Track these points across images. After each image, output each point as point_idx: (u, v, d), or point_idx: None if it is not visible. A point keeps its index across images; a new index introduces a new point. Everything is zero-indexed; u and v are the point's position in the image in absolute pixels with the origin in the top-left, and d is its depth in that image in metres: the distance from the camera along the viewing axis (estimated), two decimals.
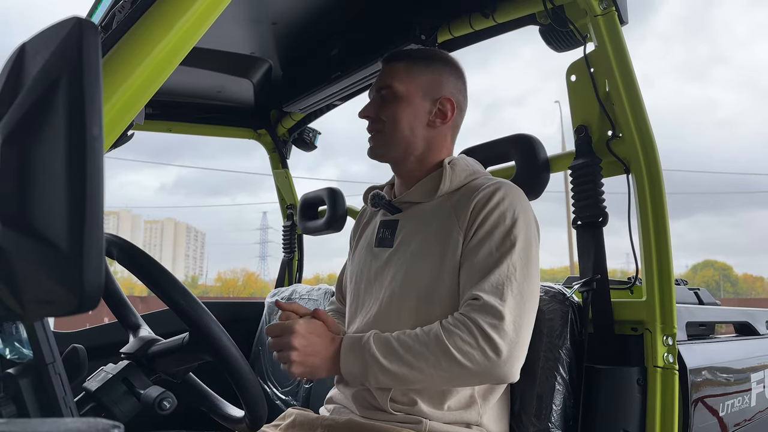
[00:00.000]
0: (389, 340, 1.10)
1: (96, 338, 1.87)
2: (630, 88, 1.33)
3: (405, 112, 1.26)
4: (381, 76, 1.31)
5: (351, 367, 1.10)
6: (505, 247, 1.13)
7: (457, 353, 1.04)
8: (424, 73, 1.29)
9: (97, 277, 0.43)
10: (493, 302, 1.07)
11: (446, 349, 1.04)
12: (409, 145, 1.28)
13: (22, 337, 0.68)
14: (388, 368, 1.07)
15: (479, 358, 1.04)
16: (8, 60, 0.51)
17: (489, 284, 1.09)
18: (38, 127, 0.44)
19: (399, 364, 1.07)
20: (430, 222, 1.23)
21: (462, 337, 1.05)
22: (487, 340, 1.04)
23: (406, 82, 1.27)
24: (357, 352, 1.10)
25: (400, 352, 1.07)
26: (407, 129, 1.27)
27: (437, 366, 1.05)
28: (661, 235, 1.29)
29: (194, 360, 1.00)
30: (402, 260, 1.24)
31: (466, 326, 1.06)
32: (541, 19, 1.47)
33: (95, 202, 0.43)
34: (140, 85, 0.67)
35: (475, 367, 1.04)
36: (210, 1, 0.72)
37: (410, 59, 1.30)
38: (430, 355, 1.05)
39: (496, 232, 1.14)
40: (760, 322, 1.81)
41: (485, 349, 1.04)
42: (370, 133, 1.31)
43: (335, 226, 2.28)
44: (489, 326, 1.05)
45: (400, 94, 1.27)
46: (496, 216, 1.15)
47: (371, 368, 1.08)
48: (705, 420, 1.37)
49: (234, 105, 2.31)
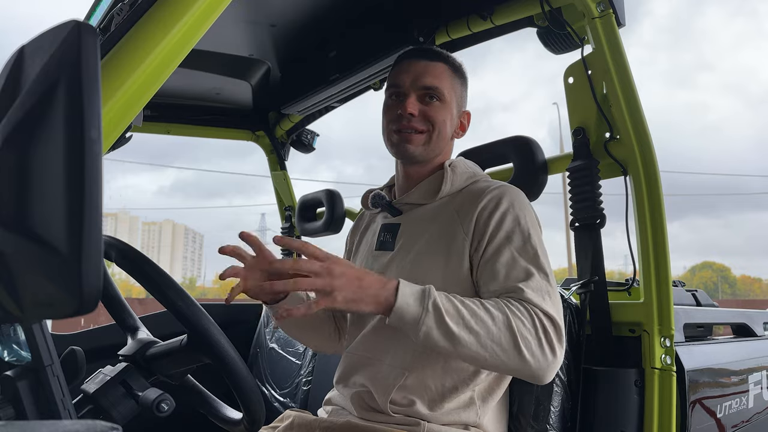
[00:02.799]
0: (452, 299, 1.03)
1: (94, 340, 1.86)
2: (627, 90, 1.33)
3: (449, 121, 1.27)
4: (426, 74, 1.25)
5: (407, 309, 1.00)
6: (529, 254, 1.12)
7: (519, 338, 1.01)
8: (459, 84, 1.31)
9: (96, 280, 0.43)
10: (544, 305, 1.06)
11: (512, 329, 1.01)
12: (440, 152, 1.29)
13: (21, 339, 0.68)
14: (448, 325, 0.99)
15: (537, 350, 1.02)
16: (7, 62, 0.51)
17: (531, 290, 1.07)
18: (37, 129, 0.44)
19: (461, 326, 1.00)
20: (432, 225, 1.23)
21: (525, 323, 1.03)
22: (546, 336, 1.03)
23: (451, 90, 1.27)
24: (418, 295, 1.01)
25: (465, 313, 1.01)
26: (446, 138, 1.28)
27: (497, 341, 1.01)
28: (659, 236, 1.30)
29: (192, 362, 1.00)
30: (404, 263, 1.23)
31: (531, 315, 1.04)
32: (539, 21, 1.47)
33: (94, 204, 0.43)
34: (139, 87, 0.67)
35: (530, 357, 1.02)
36: (208, 4, 0.72)
37: (451, 66, 1.29)
38: (494, 328, 1.01)
39: (514, 236, 1.14)
40: (758, 324, 1.81)
41: (543, 343, 1.03)
42: (406, 130, 1.24)
43: (333, 227, 2.28)
44: (549, 325, 1.04)
45: (448, 100, 1.26)
46: (510, 221, 1.15)
47: (429, 316, 1.00)
48: (703, 421, 1.37)
49: (232, 107, 2.31)
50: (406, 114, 1.23)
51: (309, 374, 1.91)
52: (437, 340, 1.00)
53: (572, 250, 1.45)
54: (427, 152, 1.27)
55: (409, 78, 1.25)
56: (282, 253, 2.48)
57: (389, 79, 1.31)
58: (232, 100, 2.25)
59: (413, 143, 1.25)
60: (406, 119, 1.23)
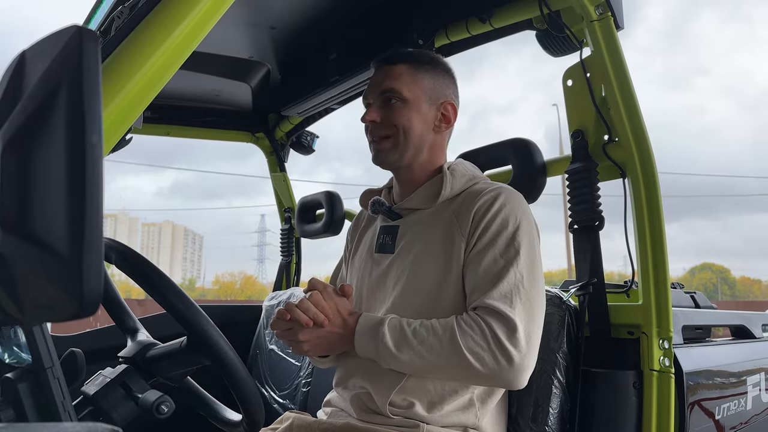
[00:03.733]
0: (404, 330, 1.12)
1: (94, 342, 1.87)
2: (626, 93, 1.34)
3: (416, 118, 1.25)
4: (383, 79, 1.27)
5: (365, 351, 1.14)
6: (510, 254, 1.13)
7: (468, 354, 1.05)
8: (428, 78, 1.28)
9: (97, 283, 0.44)
10: (504, 310, 1.08)
11: (458, 348, 1.06)
12: (417, 152, 1.28)
13: (21, 341, 0.68)
14: (399, 357, 1.10)
15: (490, 362, 1.05)
16: (8, 67, 0.51)
17: (498, 293, 1.10)
18: (38, 134, 0.45)
19: (410, 355, 1.09)
20: (431, 228, 1.23)
21: (474, 338, 1.06)
22: (499, 346, 1.05)
23: (413, 87, 1.25)
24: (371, 337, 1.13)
25: (413, 343, 1.10)
26: (418, 136, 1.26)
27: (447, 362, 1.08)
28: (657, 239, 1.30)
29: (192, 364, 1.00)
30: (404, 267, 1.24)
31: (480, 328, 1.07)
32: (538, 24, 1.48)
33: (95, 208, 0.44)
34: (139, 90, 0.67)
35: (485, 370, 1.06)
36: (209, 7, 0.72)
37: (414, 62, 1.28)
38: (442, 351, 1.08)
39: (499, 239, 1.15)
40: (756, 326, 1.81)
41: (496, 354, 1.05)
42: (375, 139, 1.27)
43: (333, 229, 2.28)
44: (503, 334, 1.06)
45: (410, 99, 1.25)
46: (498, 222, 1.16)
47: (383, 355, 1.12)
48: (701, 423, 1.37)
49: (232, 109, 2.31)
50: (368, 123, 1.27)
51: (308, 376, 1.92)
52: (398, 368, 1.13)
53: (572, 252, 1.45)
54: (402, 156, 1.26)
55: (371, 88, 1.29)
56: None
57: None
58: (232, 101, 2.25)
59: (383, 150, 1.27)
60: (370, 128, 1.27)
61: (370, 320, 1.16)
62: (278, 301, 2.25)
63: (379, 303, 1.26)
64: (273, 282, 2.70)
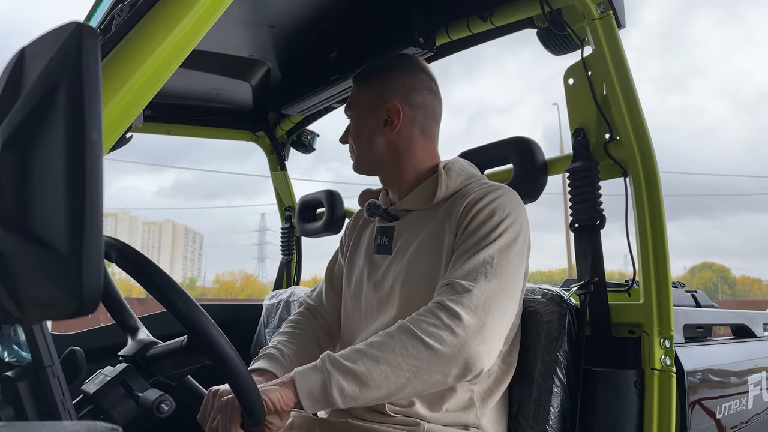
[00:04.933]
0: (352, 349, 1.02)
1: (94, 341, 1.87)
2: (627, 92, 1.33)
3: (359, 129, 1.33)
4: (349, 100, 1.38)
5: (308, 384, 0.97)
6: (488, 240, 1.12)
7: (424, 336, 0.98)
8: (368, 87, 1.34)
9: (97, 281, 0.43)
10: (462, 283, 1.05)
11: (412, 332, 0.99)
12: (374, 158, 1.31)
13: (21, 340, 0.68)
14: (352, 369, 0.96)
15: (446, 336, 0.98)
16: (8, 64, 0.51)
17: (462, 271, 1.07)
18: (37, 131, 0.45)
19: (364, 361, 0.97)
20: (426, 227, 1.23)
21: (426, 319, 1.01)
22: (452, 315, 1.00)
23: (357, 102, 1.34)
24: (312, 368, 1.00)
25: (362, 348, 1.00)
26: (365, 144, 1.32)
27: (404, 353, 0.97)
28: (658, 237, 1.30)
29: (192, 363, 0.99)
30: (401, 267, 1.24)
31: (430, 310, 1.03)
32: (539, 22, 1.48)
33: (94, 206, 0.43)
34: (139, 88, 0.67)
35: (444, 348, 0.98)
36: (209, 5, 0.72)
37: (359, 78, 1.36)
38: (395, 343, 0.98)
39: (483, 227, 1.14)
40: (757, 325, 1.81)
41: (450, 325, 0.99)
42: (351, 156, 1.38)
43: (333, 228, 2.28)
44: (453, 302, 1.02)
45: (355, 114, 1.35)
46: (485, 213, 1.15)
47: (332, 375, 0.96)
48: (702, 422, 1.37)
49: (233, 107, 2.31)
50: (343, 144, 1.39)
51: None
52: (353, 392, 0.96)
53: (572, 251, 1.45)
54: (363, 164, 1.34)
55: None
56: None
57: None
58: (233, 100, 2.25)
59: (354, 163, 1.36)
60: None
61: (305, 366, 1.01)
62: (278, 300, 2.25)
63: (379, 305, 1.26)
64: (273, 281, 2.70)
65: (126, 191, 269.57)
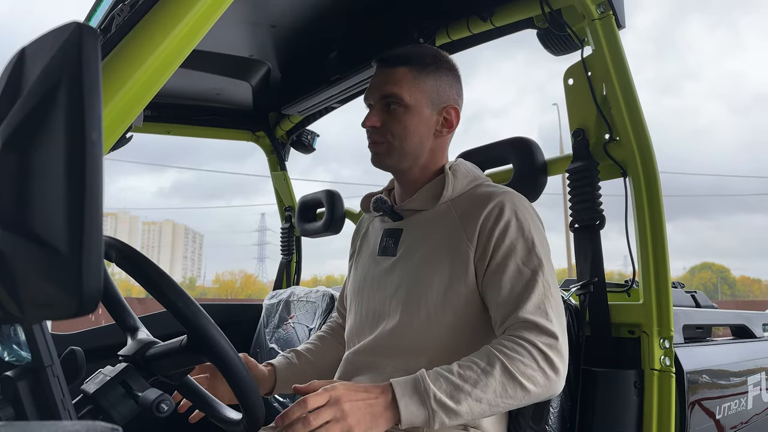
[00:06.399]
0: (450, 379, 1.02)
1: (94, 340, 1.86)
2: (627, 92, 1.34)
3: (415, 125, 1.23)
4: (384, 83, 1.24)
5: (413, 417, 0.99)
6: (534, 263, 1.12)
7: (522, 379, 1.02)
8: (430, 81, 1.24)
9: (96, 281, 0.44)
10: (542, 323, 1.07)
11: (513, 375, 1.02)
12: (417, 156, 1.26)
13: (21, 339, 0.68)
14: (456, 410, 0.99)
15: (541, 380, 1.04)
16: (8, 64, 0.51)
17: (532, 306, 1.09)
18: (38, 131, 0.45)
19: (467, 402, 1.00)
20: (434, 231, 1.22)
21: (523, 361, 1.03)
22: (547, 360, 1.04)
23: (414, 92, 1.22)
24: (417, 398, 1.00)
25: (467, 389, 1.01)
26: (417, 141, 1.24)
27: (504, 395, 1.02)
28: (658, 238, 1.30)
29: (192, 362, 0.99)
30: (407, 269, 1.22)
31: (525, 349, 1.04)
32: (539, 22, 1.48)
33: (94, 205, 0.43)
34: (139, 88, 0.67)
35: (537, 389, 1.04)
36: (209, 5, 0.72)
37: (416, 65, 1.24)
38: (497, 385, 1.01)
39: (517, 249, 1.13)
40: (757, 325, 1.81)
41: (545, 369, 1.04)
42: (374, 142, 1.26)
43: (333, 228, 2.28)
44: (546, 347, 1.05)
45: (410, 105, 1.22)
46: (513, 232, 1.14)
47: (437, 413, 0.99)
48: (702, 423, 1.37)
49: (233, 107, 2.31)
50: (367, 128, 1.26)
51: None
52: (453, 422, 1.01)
53: (572, 251, 1.45)
54: (400, 160, 1.25)
55: (372, 90, 1.26)
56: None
57: None
58: (233, 100, 2.25)
59: (380, 153, 1.26)
60: (370, 133, 1.26)
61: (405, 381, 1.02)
62: (278, 300, 2.25)
63: (383, 306, 1.25)
64: (273, 281, 2.70)
65: (126, 191, 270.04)
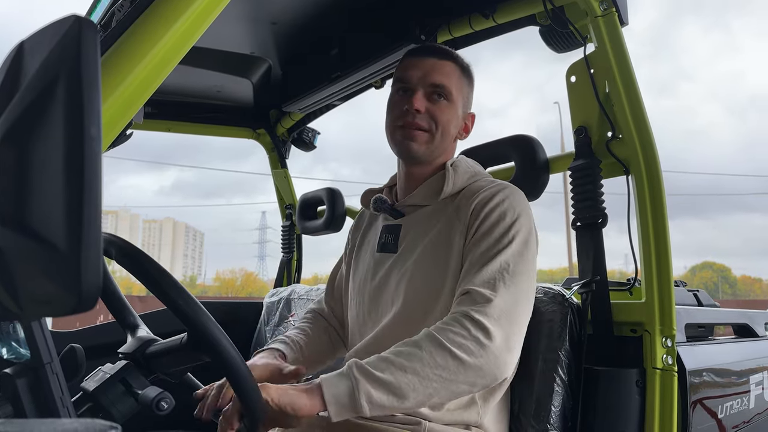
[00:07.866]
0: (378, 355, 1.01)
1: (94, 338, 1.86)
2: (630, 90, 1.33)
3: (453, 121, 1.26)
4: (435, 72, 1.23)
5: (334, 389, 0.96)
6: (502, 244, 1.11)
7: (452, 347, 0.98)
8: (464, 84, 1.29)
9: (95, 277, 0.43)
10: (483, 292, 1.05)
11: (440, 343, 0.99)
12: (441, 152, 1.28)
13: (20, 336, 0.68)
14: (381, 378, 0.96)
15: (474, 348, 0.99)
16: (6, 58, 0.51)
17: (480, 278, 1.07)
18: (36, 126, 0.44)
19: (392, 371, 0.97)
20: (433, 226, 1.23)
21: (453, 329, 1.00)
22: (479, 327, 1.00)
23: (458, 90, 1.25)
24: (339, 375, 0.99)
25: (391, 357, 0.99)
26: (449, 138, 1.27)
27: (433, 363, 0.97)
28: (661, 236, 1.29)
29: (192, 360, 0.99)
30: (407, 266, 1.23)
31: (456, 320, 1.02)
32: (541, 20, 1.47)
33: (93, 201, 0.43)
34: (139, 84, 0.67)
35: (472, 359, 0.98)
36: (209, 1, 0.72)
37: (460, 65, 1.28)
38: (423, 354, 0.98)
39: (495, 229, 1.13)
40: (759, 324, 1.81)
41: (478, 337, 0.99)
42: (418, 128, 1.22)
43: (334, 226, 2.27)
44: (478, 313, 1.01)
45: (454, 100, 1.24)
46: (496, 215, 1.15)
47: (360, 383, 0.96)
48: (704, 422, 1.37)
49: (233, 104, 2.31)
50: (412, 110, 1.21)
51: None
52: (381, 400, 0.96)
53: (573, 250, 1.44)
54: (429, 152, 1.25)
55: (417, 74, 1.23)
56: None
57: (396, 73, 1.29)
58: (233, 97, 2.24)
59: (416, 141, 1.23)
60: (412, 115, 1.21)
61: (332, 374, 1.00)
62: (279, 298, 2.24)
63: (386, 304, 1.25)
64: (274, 279, 2.70)
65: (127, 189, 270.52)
